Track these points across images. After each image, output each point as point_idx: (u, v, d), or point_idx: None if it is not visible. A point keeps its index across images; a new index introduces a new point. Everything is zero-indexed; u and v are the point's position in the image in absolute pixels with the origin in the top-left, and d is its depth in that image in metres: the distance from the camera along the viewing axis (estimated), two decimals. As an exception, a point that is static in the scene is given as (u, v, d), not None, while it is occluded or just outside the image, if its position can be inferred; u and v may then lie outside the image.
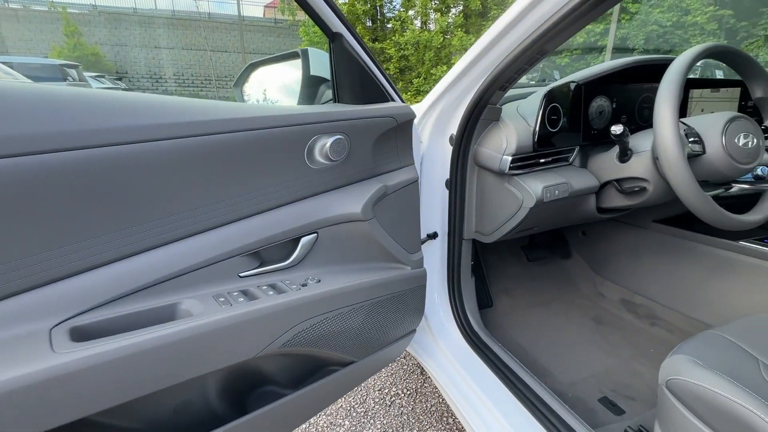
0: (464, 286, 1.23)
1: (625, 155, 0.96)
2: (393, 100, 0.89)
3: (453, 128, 1.06)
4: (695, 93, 1.14)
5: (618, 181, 1.01)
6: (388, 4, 12.67)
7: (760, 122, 0.95)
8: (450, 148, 1.07)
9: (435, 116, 1.08)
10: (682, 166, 0.76)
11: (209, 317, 0.57)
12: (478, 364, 1.09)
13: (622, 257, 1.44)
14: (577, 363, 1.22)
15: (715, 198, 0.84)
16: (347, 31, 0.76)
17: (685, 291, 1.23)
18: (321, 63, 0.88)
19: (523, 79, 1.05)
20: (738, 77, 0.92)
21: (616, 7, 11.67)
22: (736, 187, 0.86)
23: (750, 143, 0.82)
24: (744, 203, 0.92)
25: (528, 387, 0.96)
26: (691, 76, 1.27)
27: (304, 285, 0.73)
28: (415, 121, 1.14)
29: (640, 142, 0.95)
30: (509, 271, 1.62)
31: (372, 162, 0.83)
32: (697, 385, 0.68)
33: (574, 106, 1.02)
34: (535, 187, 0.96)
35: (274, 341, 0.65)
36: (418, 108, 1.14)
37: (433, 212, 1.17)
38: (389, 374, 1.57)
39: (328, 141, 0.73)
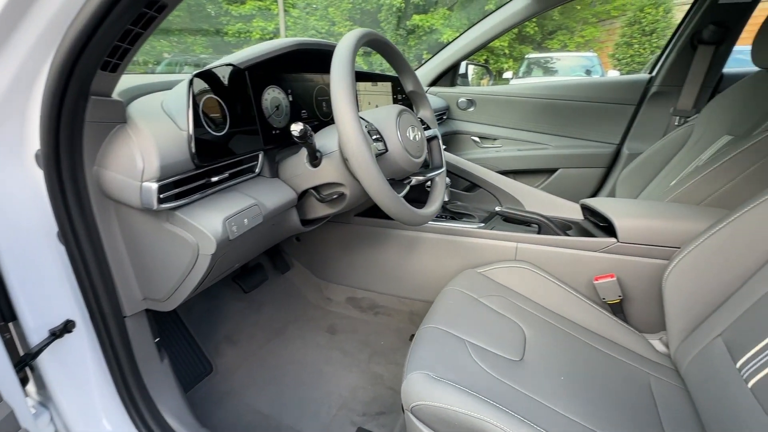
0: (151, 383, 0.78)
1: (315, 158, 0.80)
2: None
3: (38, 140, 0.56)
4: (361, 86, 1.14)
5: (315, 188, 0.85)
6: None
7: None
8: (42, 175, 0.58)
9: None
10: (373, 169, 0.65)
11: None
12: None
13: (338, 256, 1.40)
14: (324, 398, 1.06)
15: (403, 195, 0.81)
16: None
17: (392, 274, 1.31)
18: None
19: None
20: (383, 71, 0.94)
21: (281, 10, 12.78)
22: (413, 180, 0.88)
23: (417, 136, 0.82)
24: (420, 192, 0.98)
25: None
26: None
27: None
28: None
29: (327, 141, 0.81)
30: (228, 312, 1.27)
31: None
32: (438, 407, 0.63)
33: (241, 99, 0.75)
34: (211, 222, 0.64)
35: None
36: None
37: (51, 289, 0.64)
38: None
39: None
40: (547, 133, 1.94)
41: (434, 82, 2.02)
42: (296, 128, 0.67)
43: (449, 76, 2.03)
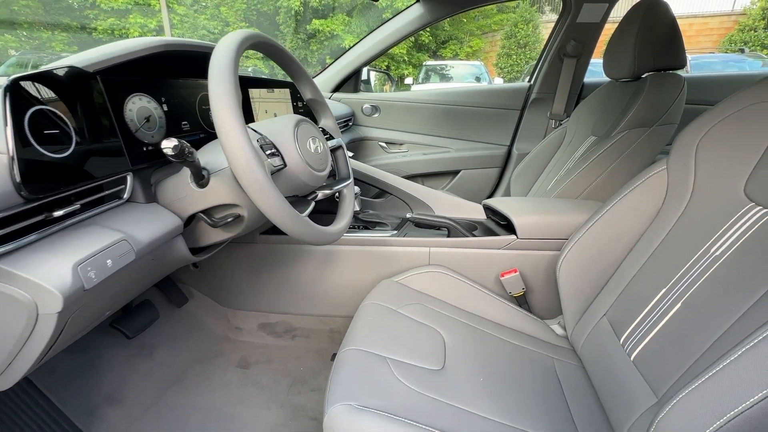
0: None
1: (201, 177, 0.69)
2: None
3: None
4: (254, 93, 1.04)
5: (205, 212, 0.74)
6: None
7: (315, 122, 0.96)
8: None
9: None
10: (267, 187, 0.57)
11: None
12: None
13: (245, 279, 1.27)
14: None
15: (310, 212, 0.75)
16: None
17: (307, 293, 1.23)
18: None
19: None
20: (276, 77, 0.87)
21: (164, 6, 11.51)
22: (320, 194, 0.82)
23: (319, 147, 0.77)
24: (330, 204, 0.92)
25: None
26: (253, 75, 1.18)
27: None
28: None
29: (215, 157, 0.70)
30: (108, 365, 1.04)
31: None
32: None
33: (94, 110, 0.61)
34: (55, 270, 0.49)
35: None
36: None
37: None
38: None
39: None
40: (448, 136, 2.04)
41: (337, 88, 1.98)
42: (169, 145, 0.56)
43: (352, 82, 2.01)
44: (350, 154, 1.85)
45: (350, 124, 2.01)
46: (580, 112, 1.48)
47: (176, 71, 0.80)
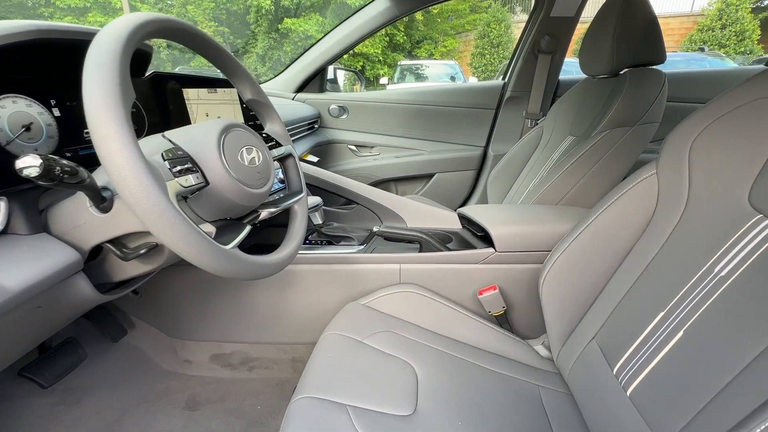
0: None
1: (102, 201, 0.54)
2: None
3: None
4: (191, 93, 0.89)
5: (114, 241, 0.59)
6: None
7: (260, 128, 0.82)
8: None
9: None
10: (169, 216, 0.43)
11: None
12: None
13: (195, 306, 1.11)
14: None
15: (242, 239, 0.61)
16: None
17: (266, 319, 1.09)
18: None
19: None
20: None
21: (126, 3, 11.01)
22: (264, 213, 0.68)
23: (257, 158, 0.63)
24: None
25: None
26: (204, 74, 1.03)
27: None
28: None
29: None
30: (23, 419, 0.88)
31: None
32: None
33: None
34: None
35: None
36: None
37: None
38: None
39: None
40: (421, 138, 1.94)
41: (301, 88, 1.84)
42: (33, 162, 0.41)
43: (317, 81, 1.87)
44: (316, 159, 1.72)
45: (316, 126, 1.87)
46: (557, 111, 1.40)
47: (73, 66, 0.64)
